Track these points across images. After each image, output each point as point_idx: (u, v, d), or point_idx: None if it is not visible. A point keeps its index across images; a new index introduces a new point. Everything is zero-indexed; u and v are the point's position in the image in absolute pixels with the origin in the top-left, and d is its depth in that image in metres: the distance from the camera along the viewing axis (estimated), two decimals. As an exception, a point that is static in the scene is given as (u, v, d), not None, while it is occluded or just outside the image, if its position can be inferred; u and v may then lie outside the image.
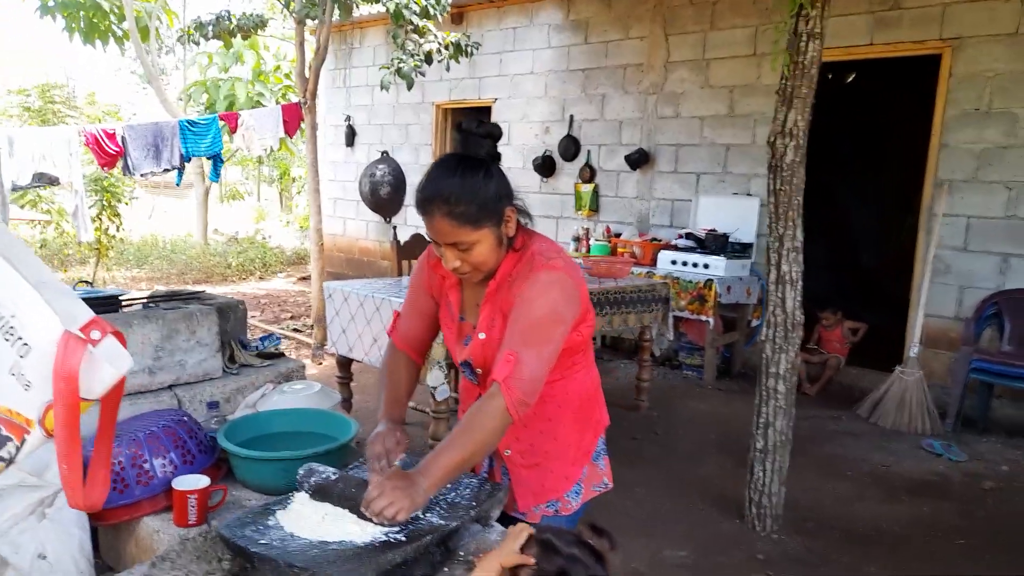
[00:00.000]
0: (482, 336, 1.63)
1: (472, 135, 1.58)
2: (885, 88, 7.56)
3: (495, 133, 1.60)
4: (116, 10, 9.87)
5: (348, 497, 1.44)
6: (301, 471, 1.54)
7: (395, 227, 7.54)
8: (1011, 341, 4.72)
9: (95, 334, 0.95)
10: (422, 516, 1.45)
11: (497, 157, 1.60)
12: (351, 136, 9.66)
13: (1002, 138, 4.86)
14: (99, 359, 0.92)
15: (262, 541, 1.35)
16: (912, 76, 6.25)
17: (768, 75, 5.80)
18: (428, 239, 1.59)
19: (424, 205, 1.51)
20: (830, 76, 7.35)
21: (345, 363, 4.26)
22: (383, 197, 8.79)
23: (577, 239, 6.64)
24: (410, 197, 8.48)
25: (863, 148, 8.33)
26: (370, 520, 1.37)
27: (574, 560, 1.18)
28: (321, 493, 1.47)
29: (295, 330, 7.25)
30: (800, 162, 3.19)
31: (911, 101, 6.60)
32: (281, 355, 2.86)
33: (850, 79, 7.82)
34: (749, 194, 6.06)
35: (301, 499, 1.49)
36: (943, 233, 5.08)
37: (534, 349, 1.48)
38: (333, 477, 1.51)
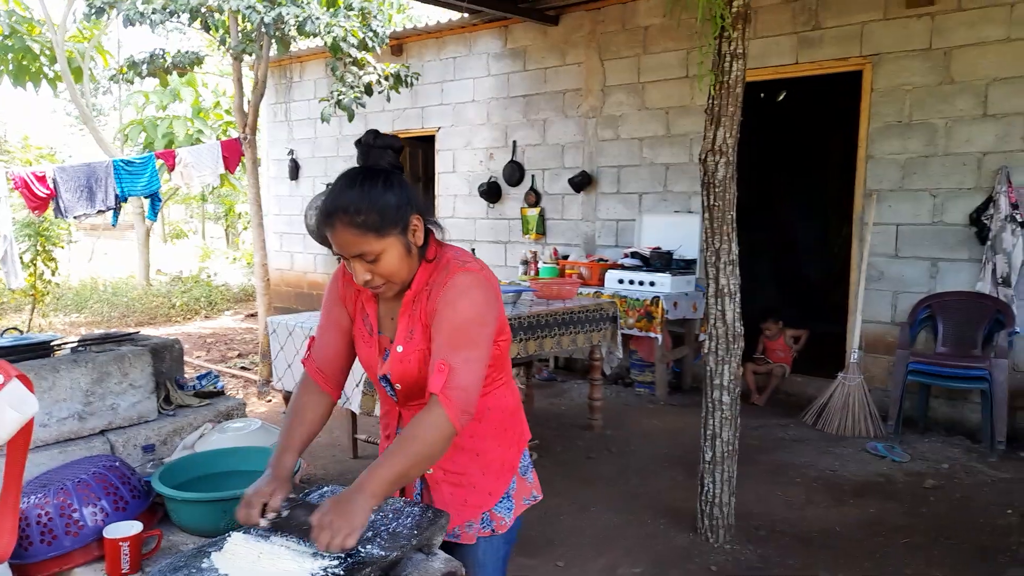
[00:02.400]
0: (400, 349, 1.61)
1: (372, 148, 1.57)
2: (816, 104, 7.85)
3: (395, 145, 1.59)
4: (47, 52, 9.66)
5: (304, 527, 1.42)
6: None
7: (340, 257, 7.47)
8: (945, 342, 4.90)
9: (-1, 378, 0.92)
10: (362, 549, 1.42)
11: (399, 168, 1.59)
12: (295, 170, 9.58)
13: (923, 148, 5.07)
14: (2, 404, 0.90)
15: (194, 585, 1.31)
16: (840, 91, 6.51)
17: (700, 96, 5.94)
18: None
19: (326, 219, 1.50)
20: (762, 96, 7.61)
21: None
22: (330, 229, 8.71)
23: (525, 262, 6.69)
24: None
25: (800, 162, 8.62)
26: (321, 555, 1.34)
27: None
28: (279, 527, 1.45)
29: (243, 368, 7.10)
30: (731, 178, 3.28)
31: (840, 115, 6.87)
32: (220, 394, 2.79)
33: (780, 97, 8.10)
34: (690, 211, 6.19)
35: (236, 539, 1.45)
36: (875, 241, 5.27)
37: (463, 354, 1.48)
38: (285, 513, 1.49)
